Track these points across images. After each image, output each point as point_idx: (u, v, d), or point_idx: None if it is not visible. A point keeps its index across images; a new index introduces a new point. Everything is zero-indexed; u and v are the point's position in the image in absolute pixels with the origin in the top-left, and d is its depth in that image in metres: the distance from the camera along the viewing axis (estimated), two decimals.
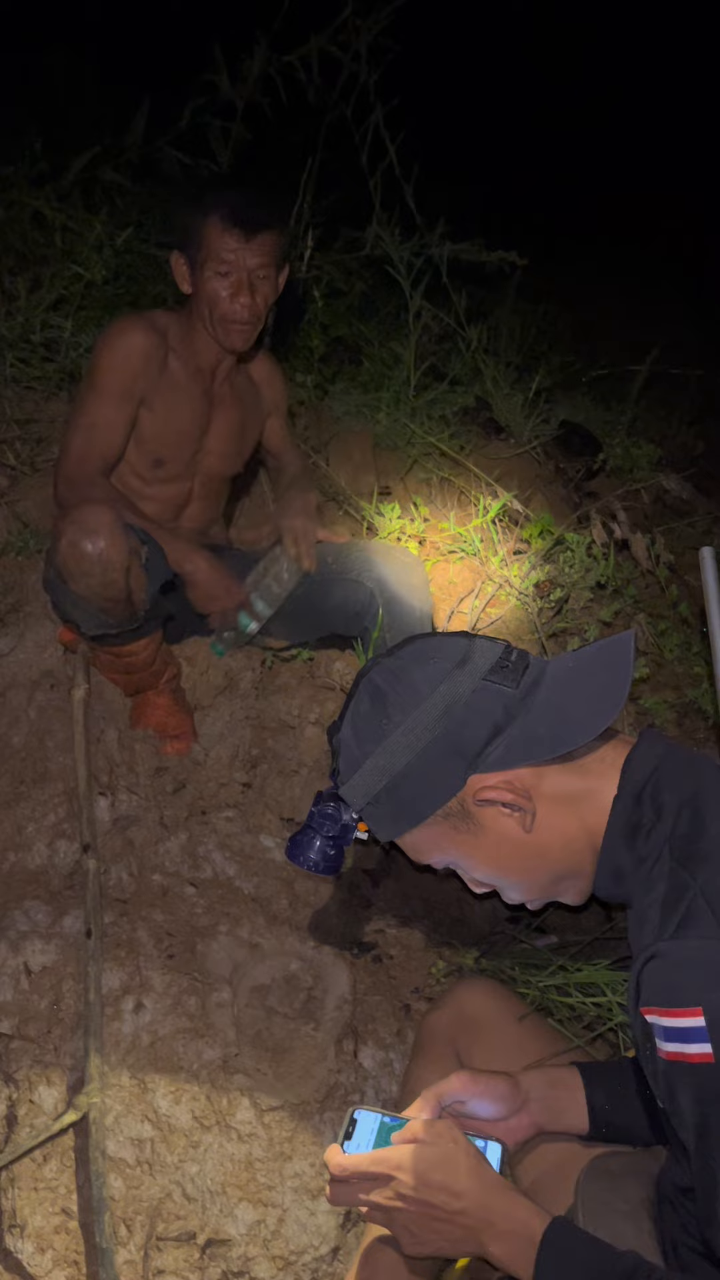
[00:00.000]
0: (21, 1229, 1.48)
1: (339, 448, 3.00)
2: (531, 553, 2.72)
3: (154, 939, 1.76)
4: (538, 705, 1.13)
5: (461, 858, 1.18)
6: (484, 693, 1.12)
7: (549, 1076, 1.29)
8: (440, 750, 1.12)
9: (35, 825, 1.84)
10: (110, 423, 1.99)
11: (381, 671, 1.17)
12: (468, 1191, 1.06)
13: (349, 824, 1.50)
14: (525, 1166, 1.30)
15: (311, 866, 1.54)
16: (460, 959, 1.82)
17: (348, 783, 1.17)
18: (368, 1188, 1.10)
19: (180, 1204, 1.53)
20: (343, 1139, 1.16)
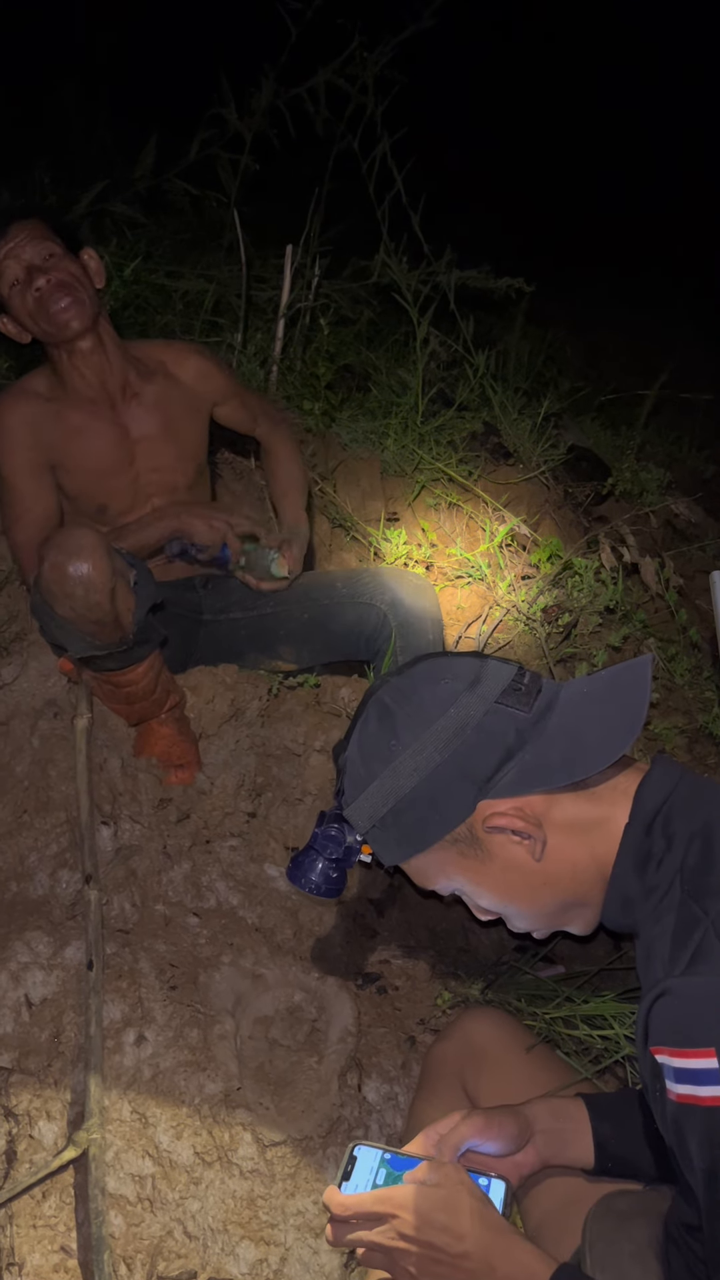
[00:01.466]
0: (20, 1267, 1.45)
1: (347, 474, 3.01)
2: (539, 577, 2.71)
3: (156, 970, 1.74)
4: (551, 730, 1.11)
5: (468, 884, 1.15)
6: (496, 716, 1.10)
7: (554, 1108, 1.26)
8: (449, 774, 1.10)
9: (37, 855, 1.83)
10: (34, 500, 2.03)
11: (390, 691, 1.15)
12: (471, 1235, 1.03)
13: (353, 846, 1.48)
14: (531, 1203, 1.27)
15: (313, 889, 1.52)
16: (466, 990, 1.79)
17: (353, 804, 1.15)
18: (369, 1227, 1.07)
19: (181, 1242, 1.50)
20: (340, 1179, 1.14)
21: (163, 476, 2.15)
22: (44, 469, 2.04)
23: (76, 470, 2.06)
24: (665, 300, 5.10)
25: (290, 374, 3.15)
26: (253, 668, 2.19)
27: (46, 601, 1.73)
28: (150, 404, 2.13)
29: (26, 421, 2.02)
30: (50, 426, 2.04)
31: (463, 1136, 1.17)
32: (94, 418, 2.08)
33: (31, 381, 2.09)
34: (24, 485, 2.04)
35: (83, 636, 1.77)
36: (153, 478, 2.14)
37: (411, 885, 1.22)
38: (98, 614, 1.73)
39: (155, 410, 2.14)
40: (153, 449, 2.13)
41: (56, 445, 2.04)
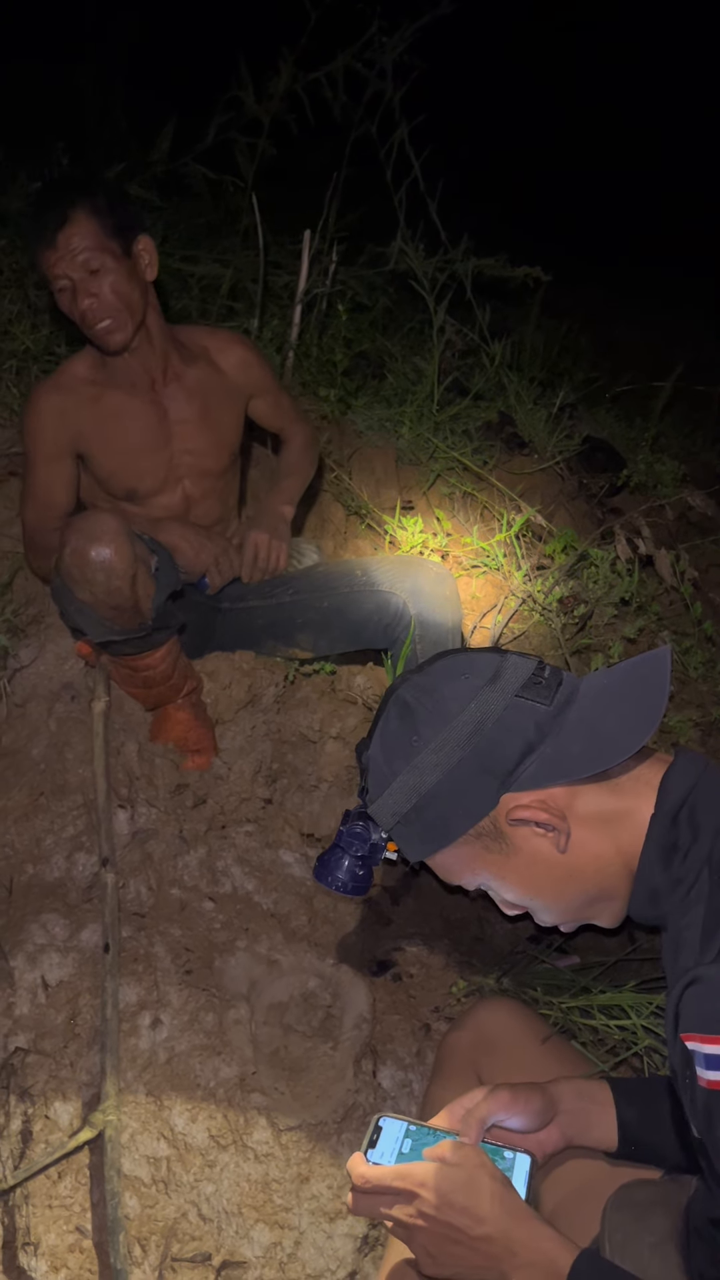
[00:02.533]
0: (35, 1247, 1.46)
1: (362, 462, 3.00)
2: (555, 568, 2.70)
3: (171, 954, 1.74)
4: (571, 723, 1.11)
5: (493, 878, 1.15)
6: (516, 710, 1.10)
7: (579, 1089, 1.26)
8: (471, 769, 1.10)
9: (54, 837, 1.83)
10: (49, 486, 2.07)
11: (411, 688, 1.16)
12: (490, 1218, 1.03)
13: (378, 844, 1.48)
14: (551, 1186, 1.27)
15: (340, 887, 1.51)
16: (481, 979, 1.79)
17: (376, 801, 1.16)
18: (390, 1201, 1.07)
19: (196, 1224, 1.51)
20: (366, 1147, 1.14)
21: (196, 460, 2.15)
22: (66, 458, 2.07)
23: (111, 450, 2.07)
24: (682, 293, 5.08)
25: (306, 360, 3.13)
26: (270, 655, 2.19)
27: (67, 585, 1.73)
28: (190, 387, 2.14)
29: (57, 411, 2.03)
30: (85, 414, 2.05)
31: (488, 1111, 1.17)
32: (133, 396, 2.09)
33: (74, 365, 2.10)
34: (43, 471, 2.06)
35: (102, 621, 1.77)
36: (186, 460, 2.13)
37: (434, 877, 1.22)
38: (118, 599, 1.73)
39: (195, 394, 2.14)
40: (188, 431, 2.13)
41: (88, 432, 2.05)
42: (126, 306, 1.96)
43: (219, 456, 2.19)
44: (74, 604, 1.75)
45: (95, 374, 2.08)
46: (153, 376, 2.10)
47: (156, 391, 2.10)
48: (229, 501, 2.29)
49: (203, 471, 2.17)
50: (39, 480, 2.07)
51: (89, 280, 1.92)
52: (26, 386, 2.62)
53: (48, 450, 2.05)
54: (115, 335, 1.97)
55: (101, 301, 1.93)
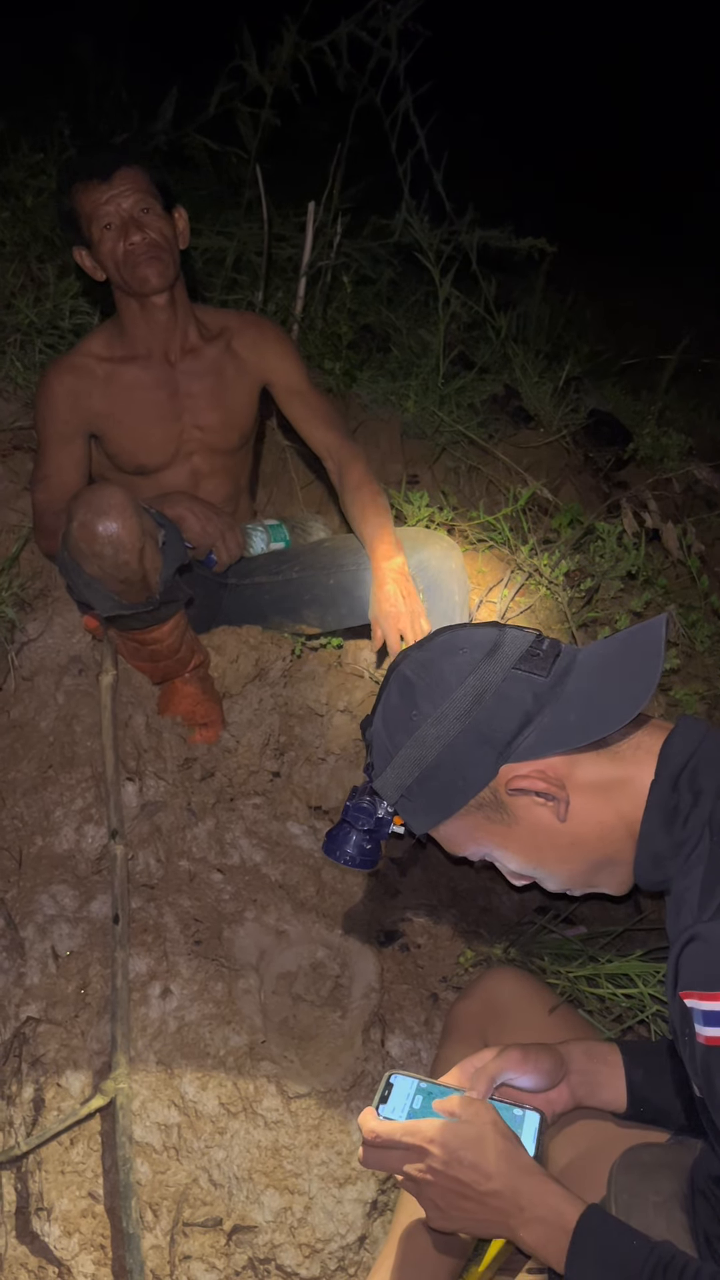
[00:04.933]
0: (48, 1212, 1.48)
1: (366, 435, 2.98)
2: (561, 542, 2.69)
3: (181, 925, 1.75)
4: (569, 693, 1.12)
5: (496, 849, 1.17)
6: (513, 681, 1.11)
7: (589, 1050, 1.27)
8: (470, 740, 1.11)
9: (63, 810, 1.84)
10: (60, 467, 2.08)
11: (410, 663, 1.17)
12: (498, 1174, 1.05)
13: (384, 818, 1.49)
14: (559, 1146, 1.29)
15: (348, 861, 1.53)
16: (489, 949, 1.80)
17: (381, 776, 1.17)
18: (400, 1156, 1.09)
19: (207, 1190, 1.52)
20: (378, 1102, 1.15)
21: (206, 436, 2.15)
22: (78, 438, 2.08)
23: (123, 425, 2.08)
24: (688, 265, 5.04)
25: (311, 333, 3.12)
26: (277, 630, 2.19)
27: (74, 560, 1.73)
28: (206, 364, 2.14)
29: (69, 392, 2.05)
30: (99, 393, 2.06)
31: (499, 1069, 1.18)
32: (147, 370, 2.09)
33: (89, 344, 2.11)
34: (54, 451, 2.07)
35: (110, 595, 1.77)
36: (195, 434, 2.13)
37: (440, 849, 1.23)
38: (125, 573, 1.73)
39: (209, 371, 2.14)
40: (199, 407, 2.13)
41: (101, 410, 2.06)
42: (169, 250, 2.00)
43: (228, 435, 2.19)
44: (82, 578, 1.75)
45: (112, 350, 2.09)
46: (169, 348, 2.10)
47: (171, 365, 2.10)
48: (239, 481, 2.29)
49: (212, 449, 2.17)
50: (52, 462, 2.07)
51: (139, 218, 1.96)
52: (30, 360, 2.61)
53: (61, 431, 2.06)
54: (155, 276, 1.99)
55: (147, 238, 1.97)
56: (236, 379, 2.17)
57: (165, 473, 2.12)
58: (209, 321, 2.17)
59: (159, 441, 2.10)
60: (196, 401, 2.12)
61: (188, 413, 2.12)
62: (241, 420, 2.20)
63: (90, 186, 1.96)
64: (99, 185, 1.95)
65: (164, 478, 2.12)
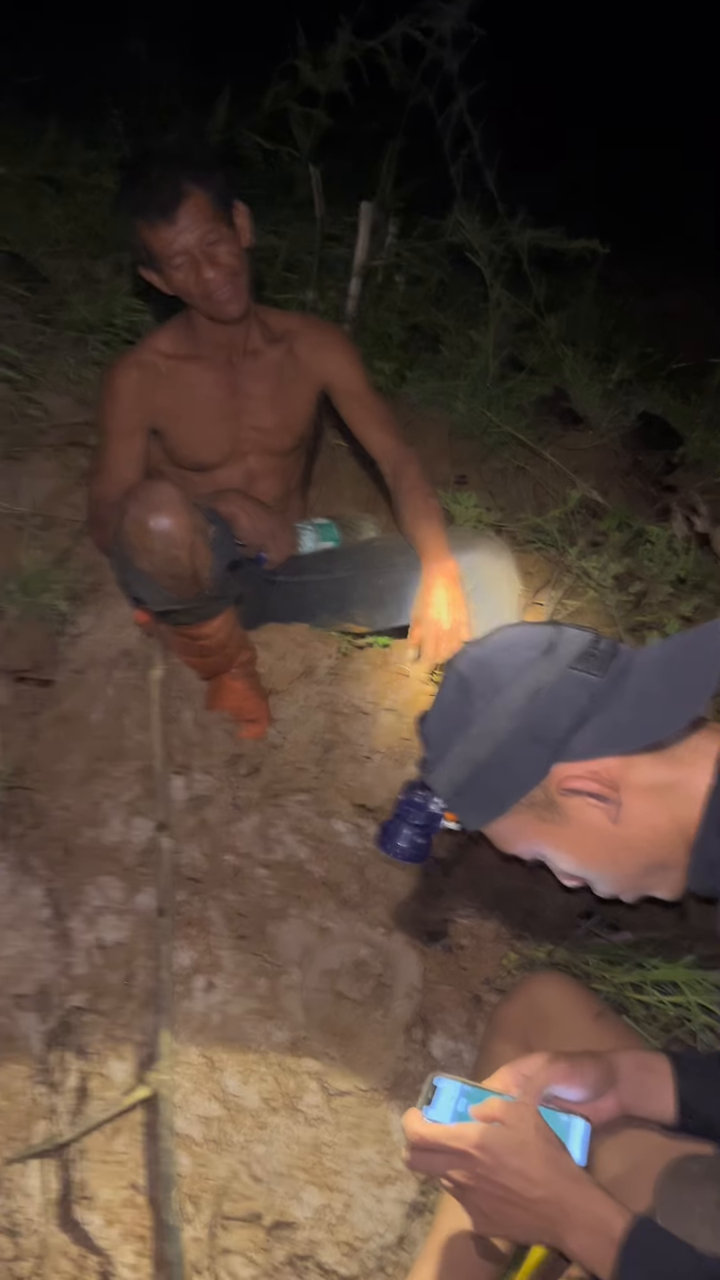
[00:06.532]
0: (90, 1201, 1.49)
1: (415, 435, 2.98)
2: (609, 545, 2.67)
3: (225, 919, 1.76)
4: (625, 694, 1.11)
5: (547, 848, 1.16)
6: (569, 681, 1.11)
7: (638, 1060, 1.25)
8: (524, 739, 1.10)
9: (111, 802, 1.85)
10: (118, 460, 2.08)
11: (467, 660, 1.17)
12: (544, 1181, 1.04)
13: (436, 813, 1.48)
14: (606, 1157, 1.27)
15: (399, 855, 1.53)
16: (532, 952, 1.79)
17: (434, 771, 1.17)
18: (445, 1160, 1.08)
19: (247, 1184, 1.53)
20: (422, 1104, 1.14)
21: (263, 437, 2.16)
22: (139, 433, 2.08)
23: (183, 421, 2.09)
24: None
25: (362, 333, 3.12)
26: (324, 628, 2.19)
27: (127, 554, 1.75)
28: (267, 366, 2.14)
29: (134, 387, 2.05)
30: (162, 389, 2.06)
31: (547, 1079, 1.17)
32: (210, 369, 2.10)
33: (155, 340, 2.11)
34: (115, 445, 2.08)
35: (161, 590, 1.78)
36: (252, 435, 2.14)
37: (491, 847, 1.22)
38: (176, 568, 1.74)
39: (270, 373, 2.14)
40: (258, 408, 2.14)
41: (162, 406, 2.07)
42: (243, 273, 1.98)
43: (284, 437, 2.19)
44: (133, 572, 1.77)
45: (178, 348, 2.09)
46: (235, 348, 2.10)
47: (234, 365, 2.11)
48: (291, 482, 2.29)
49: (267, 449, 2.18)
50: (111, 455, 2.08)
51: (210, 251, 1.93)
52: (84, 356, 2.63)
53: (122, 425, 2.06)
54: (234, 304, 1.98)
55: (221, 272, 1.94)
56: (296, 382, 2.17)
57: (221, 471, 2.14)
58: (272, 324, 2.17)
59: (217, 440, 2.11)
60: (256, 402, 2.13)
61: (246, 413, 2.13)
62: (298, 423, 2.20)
63: (156, 226, 1.90)
64: (164, 225, 1.89)
65: (219, 475, 2.13)
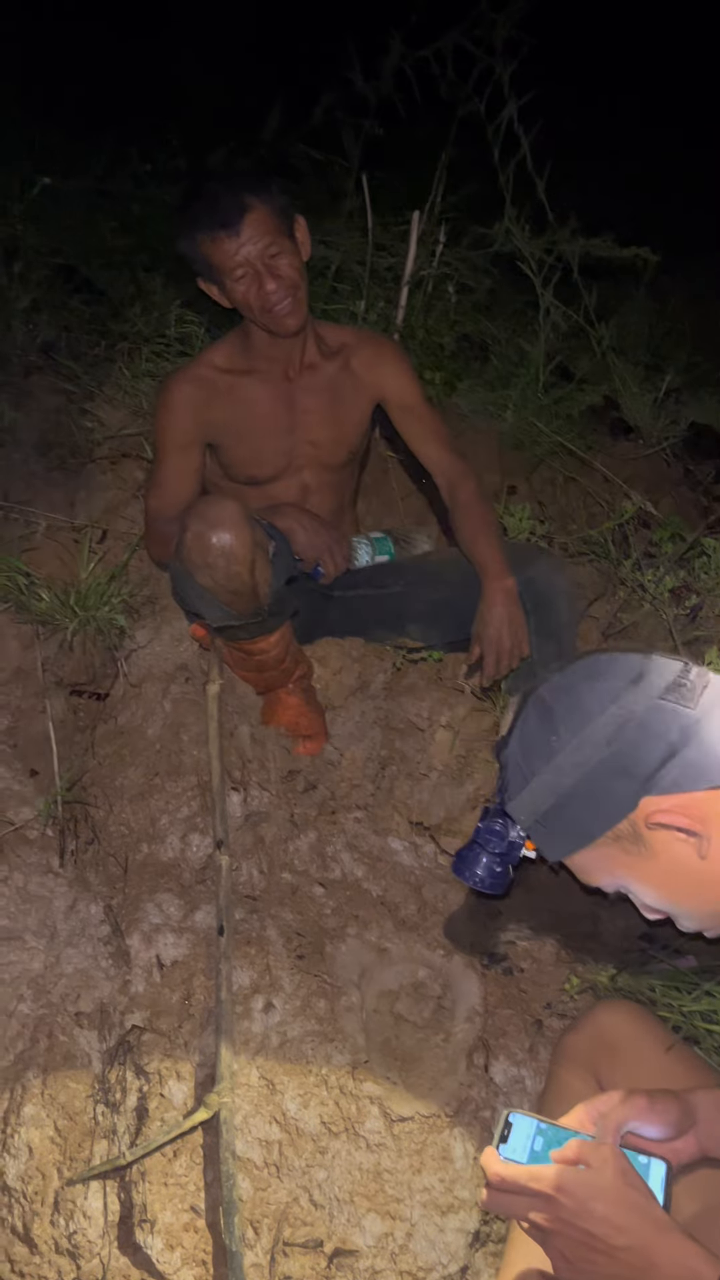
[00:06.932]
0: (152, 1224, 1.47)
1: (465, 445, 2.95)
2: (663, 557, 2.63)
3: (283, 938, 1.74)
4: (716, 726, 1.08)
5: (632, 882, 1.13)
6: (658, 712, 1.08)
7: (718, 1100, 1.22)
8: (610, 770, 1.08)
9: (169, 818, 1.84)
10: (175, 474, 2.08)
11: (550, 688, 1.15)
12: (631, 1228, 1.00)
13: (516, 842, 1.46)
14: (684, 1199, 1.24)
15: (477, 883, 1.50)
16: (594, 976, 1.76)
17: (515, 799, 1.15)
18: (526, 1202, 1.05)
19: (308, 1210, 1.51)
20: (498, 1141, 1.11)
21: (317, 451, 2.15)
22: (195, 447, 2.08)
23: (239, 435, 2.08)
24: None
25: (411, 342, 3.10)
26: (379, 643, 2.17)
27: (187, 570, 1.74)
28: (323, 380, 2.13)
29: (190, 401, 2.04)
30: (218, 404, 2.06)
31: (624, 1117, 1.14)
32: (266, 383, 2.09)
33: (212, 354, 2.10)
34: (172, 459, 2.08)
35: (220, 605, 1.78)
36: (307, 450, 2.13)
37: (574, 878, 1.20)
38: (236, 584, 1.73)
39: (325, 388, 2.13)
40: (313, 423, 2.13)
41: (218, 421, 2.06)
42: (302, 286, 1.98)
43: (338, 452, 2.18)
44: (193, 588, 1.77)
45: (233, 362, 2.08)
46: (291, 363, 2.09)
47: (290, 380, 2.09)
48: (345, 497, 2.28)
49: (322, 464, 2.16)
50: (168, 468, 2.08)
51: (271, 264, 1.92)
52: (138, 368, 2.64)
53: (179, 440, 2.06)
54: (294, 317, 1.97)
55: (283, 285, 1.93)
56: (352, 396, 2.16)
57: (275, 485, 2.13)
58: (328, 338, 2.16)
59: (272, 454, 2.10)
60: (311, 417, 2.12)
61: (302, 427, 2.12)
62: (353, 437, 2.19)
63: (219, 239, 1.89)
64: (228, 237, 1.88)
65: (274, 489, 2.12)
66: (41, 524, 2.27)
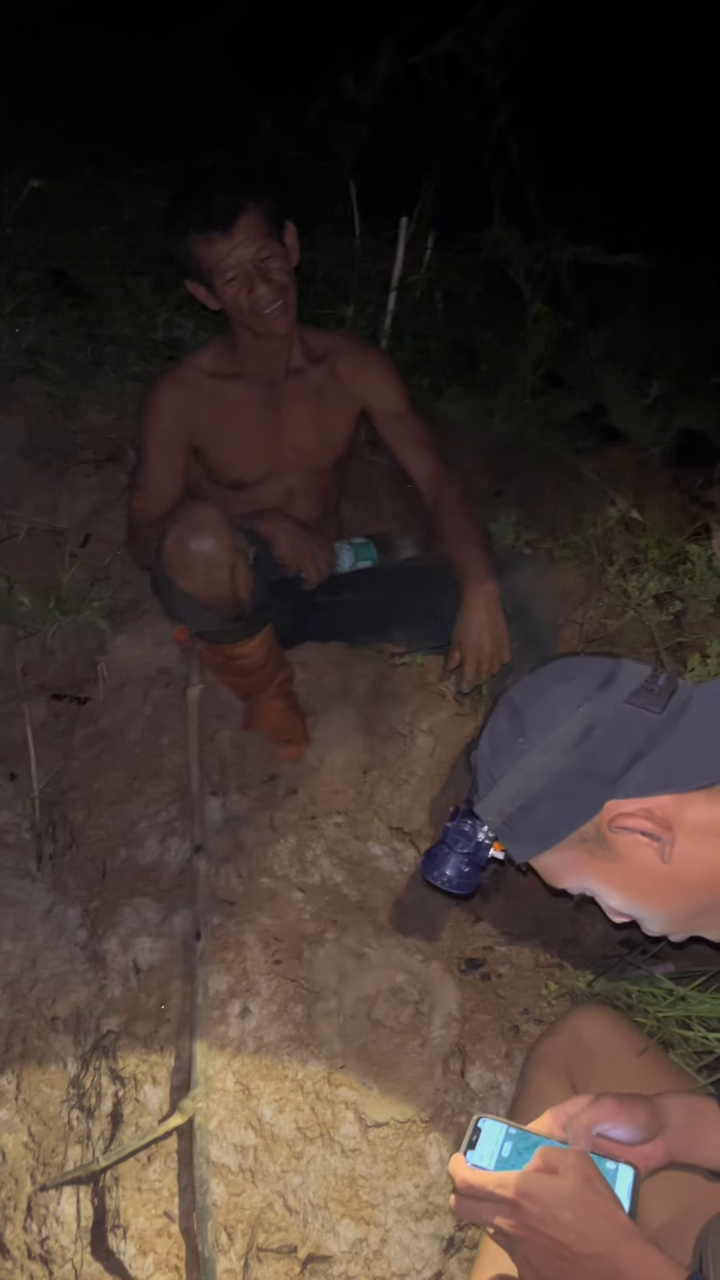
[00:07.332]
0: (125, 1230, 1.47)
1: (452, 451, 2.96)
2: (648, 563, 2.64)
3: (261, 943, 1.74)
4: (683, 731, 1.08)
5: (597, 884, 1.14)
6: (626, 716, 1.08)
7: (688, 1104, 1.22)
8: (577, 773, 1.09)
9: (147, 822, 1.84)
10: (159, 476, 2.09)
11: (520, 690, 1.15)
12: (597, 1235, 1.00)
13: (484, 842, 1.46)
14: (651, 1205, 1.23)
15: (445, 883, 1.50)
16: (573, 981, 1.76)
17: (483, 801, 1.15)
18: (493, 1208, 1.05)
19: (282, 1215, 1.50)
20: (465, 1147, 1.11)
21: (302, 457, 2.16)
22: (179, 450, 2.08)
23: (224, 440, 2.08)
24: None
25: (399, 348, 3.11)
26: (362, 647, 2.17)
27: (168, 575, 1.75)
28: (309, 386, 2.14)
29: (175, 404, 2.05)
30: (204, 408, 2.06)
31: (593, 1119, 1.14)
32: (252, 388, 2.09)
33: (198, 359, 2.11)
34: (155, 461, 2.08)
35: (201, 609, 1.79)
36: (292, 455, 2.14)
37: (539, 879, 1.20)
38: (218, 589, 1.75)
39: (311, 393, 2.14)
40: (299, 428, 2.14)
41: (203, 424, 2.07)
42: (292, 290, 1.99)
43: (324, 457, 2.19)
44: (174, 592, 1.78)
45: (220, 366, 2.09)
46: (277, 367, 2.10)
47: (276, 384, 2.10)
48: (328, 502, 2.29)
49: (307, 469, 2.17)
50: (152, 471, 2.09)
51: (262, 267, 1.93)
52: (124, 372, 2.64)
53: (164, 442, 2.06)
54: (283, 320, 1.98)
55: (273, 287, 1.95)
56: (337, 402, 2.17)
57: (260, 489, 2.13)
58: (315, 343, 2.17)
59: (257, 458, 2.11)
60: (297, 422, 2.12)
61: (288, 432, 2.12)
62: (338, 442, 2.19)
63: (212, 240, 1.91)
64: (221, 237, 1.90)
65: (258, 494, 2.13)
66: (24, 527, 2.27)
